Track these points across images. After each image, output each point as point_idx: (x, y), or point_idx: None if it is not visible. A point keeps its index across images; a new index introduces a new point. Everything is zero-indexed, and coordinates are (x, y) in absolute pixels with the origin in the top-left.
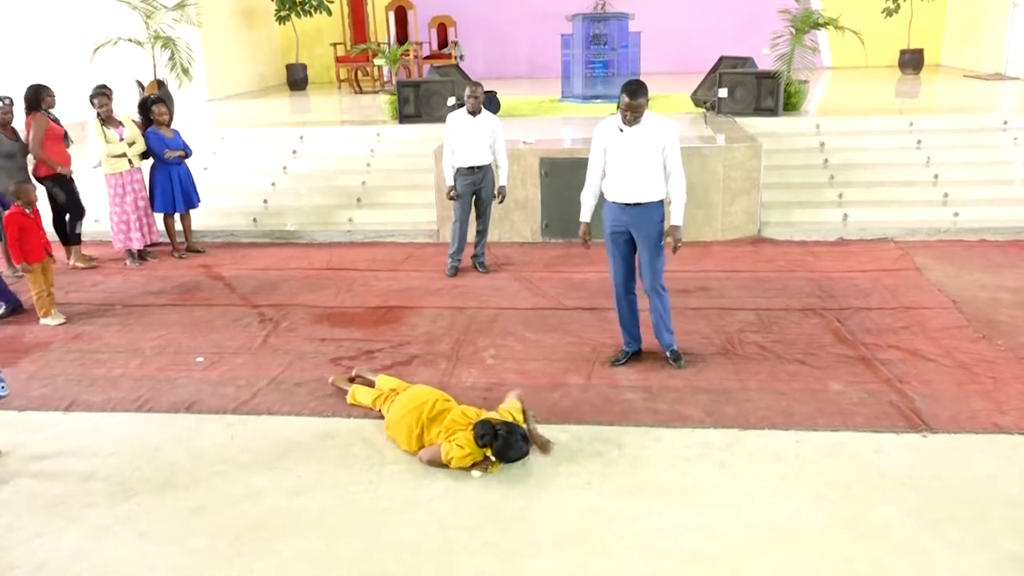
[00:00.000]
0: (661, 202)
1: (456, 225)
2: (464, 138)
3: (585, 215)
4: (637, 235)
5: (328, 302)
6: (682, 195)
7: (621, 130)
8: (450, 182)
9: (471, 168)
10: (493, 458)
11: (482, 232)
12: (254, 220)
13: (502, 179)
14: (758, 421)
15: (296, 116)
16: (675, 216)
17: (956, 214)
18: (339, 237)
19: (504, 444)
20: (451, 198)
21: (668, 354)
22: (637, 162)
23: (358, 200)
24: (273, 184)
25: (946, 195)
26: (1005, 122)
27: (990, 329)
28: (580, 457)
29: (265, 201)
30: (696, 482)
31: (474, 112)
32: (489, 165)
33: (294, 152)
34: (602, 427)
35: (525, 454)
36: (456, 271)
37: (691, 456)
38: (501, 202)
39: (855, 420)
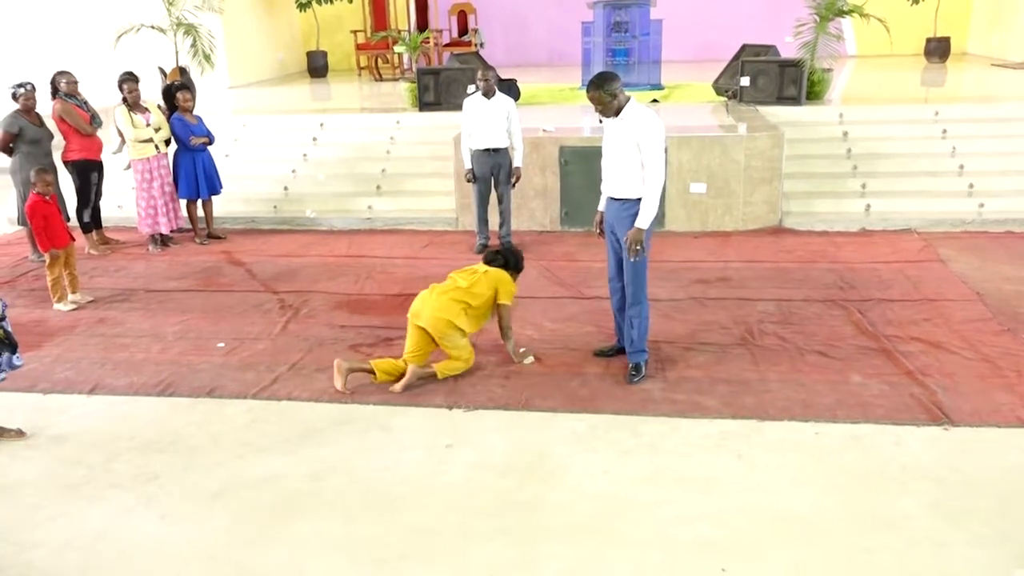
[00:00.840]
0: (639, 202)
1: (476, 207)
2: (479, 120)
3: (601, 204)
4: (617, 235)
5: (348, 289)
6: (651, 196)
7: (600, 121)
8: (467, 165)
9: (487, 150)
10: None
11: (504, 214)
12: (274, 207)
13: (516, 160)
14: (777, 412)
15: (316, 103)
16: (639, 217)
17: (981, 205)
18: (358, 224)
19: (512, 255)
20: (468, 180)
21: (630, 365)
22: (613, 155)
23: (378, 187)
24: (293, 171)
25: (971, 186)
26: None
27: (1015, 322)
28: (597, 445)
29: (285, 188)
30: (714, 472)
31: (488, 94)
32: (506, 149)
33: (314, 139)
34: (620, 416)
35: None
36: (484, 247)
37: (709, 446)
38: (515, 183)
39: (876, 412)
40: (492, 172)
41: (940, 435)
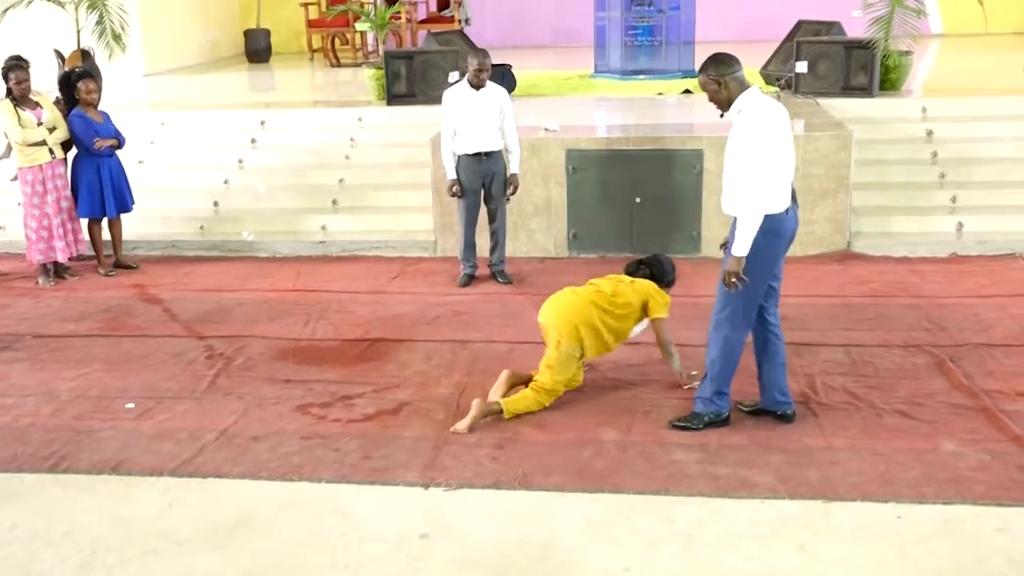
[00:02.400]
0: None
1: (463, 228)
2: (467, 117)
3: None
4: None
5: (294, 333)
6: (743, 215)
7: (721, 116)
8: (451, 174)
9: (477, 155)
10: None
11: (496, 234)
12: (201, 228)
13: (513, 166)
14: (848, 490)
15: (256, 96)
16: (733, 244)
17: None
18: (309, 250)
19: (659, 265)
20: (454, 194)
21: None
22: (728, 161)
23: (334, 203)
24: (226, 182)
25: None
26: None
27: None
28: (617, 534)
29: (215, 203)
30: (767, 568)
31: (478, 86)
32: (499, 152)
33: (253, 141)
34: (645, 496)
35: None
36: (470, 279)
37: (761, 535)
38: (512, 194)
39: (974, 490)
40: (484, 183)
41: None
